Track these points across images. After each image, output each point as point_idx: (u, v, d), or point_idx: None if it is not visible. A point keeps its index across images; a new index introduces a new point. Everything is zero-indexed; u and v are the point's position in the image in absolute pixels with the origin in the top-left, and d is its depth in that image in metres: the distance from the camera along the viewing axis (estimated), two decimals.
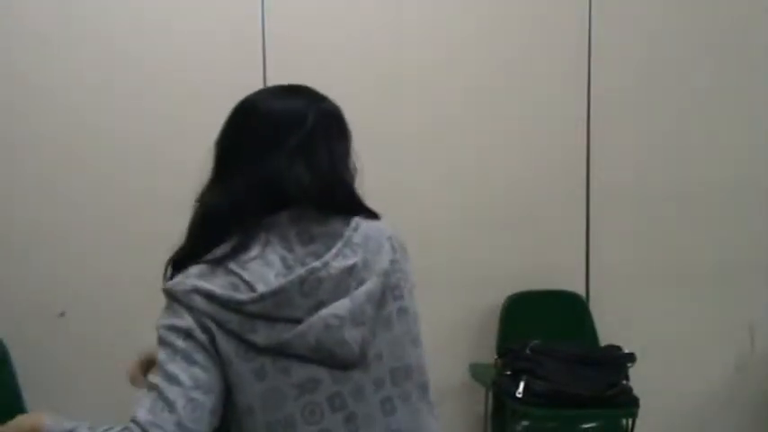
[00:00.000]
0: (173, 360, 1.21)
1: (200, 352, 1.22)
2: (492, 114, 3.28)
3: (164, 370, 1.21)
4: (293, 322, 1.23)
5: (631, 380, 2.96)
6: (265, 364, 1.23)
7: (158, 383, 1.20)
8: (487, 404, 3.19)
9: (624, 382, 2.94)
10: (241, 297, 1.22)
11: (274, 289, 1.23)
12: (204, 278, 1.25)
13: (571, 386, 2.87)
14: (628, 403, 2.91)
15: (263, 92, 1.43)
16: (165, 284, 1.28)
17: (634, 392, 2.92)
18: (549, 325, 3.26)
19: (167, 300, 1.26)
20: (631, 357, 2.99)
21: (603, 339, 3.26)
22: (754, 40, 3.45)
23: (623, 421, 3.06)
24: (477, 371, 3.23)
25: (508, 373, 2.96)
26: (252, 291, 1.23)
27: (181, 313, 1.24)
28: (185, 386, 1.19)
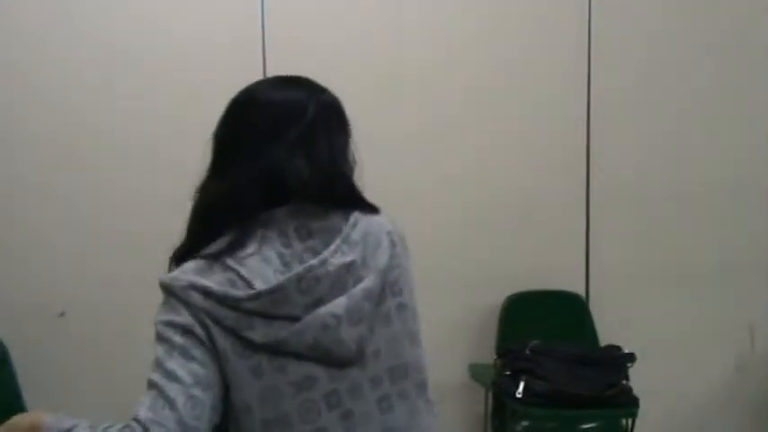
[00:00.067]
0: (171, 356, 1.20)
1: (198, 348, 1.21)
2: (492, 114, 3.28)
3: (162, 367, 1.20)
4: (291, 320, 1.22)
5: (631, 380, 2.95)
6: (262, 362, 1.22)
7: (158, 381, 1.19)
8: (487, 404, 3.19)
9: (624, 383, 2.93)
10: (238, 294, 1.21)
11: (272, 287, 1.22)
12: (201, 274, 1.24)
13: (571, 386, 2.87)
14: (628, 403, 2.91)
15: (262, 83, 1.40)
16: (162, 278, 1.26)
17: (634, 392, 2.92)
18: (549, 325, 3.26)
19: (164, 295, 1.25)
20: (631, 357, 2.98)
21: (603, 339, 3.25)
22: (754, 40, 3.45)
23: (623, 421, 3.06)
24: (476, 371, 3.23)
25: (508, 374, 2.96)
26: (249, 287, 1.22)
27: (178, 309, 1.22)
28: (185, 383, 1.19)
